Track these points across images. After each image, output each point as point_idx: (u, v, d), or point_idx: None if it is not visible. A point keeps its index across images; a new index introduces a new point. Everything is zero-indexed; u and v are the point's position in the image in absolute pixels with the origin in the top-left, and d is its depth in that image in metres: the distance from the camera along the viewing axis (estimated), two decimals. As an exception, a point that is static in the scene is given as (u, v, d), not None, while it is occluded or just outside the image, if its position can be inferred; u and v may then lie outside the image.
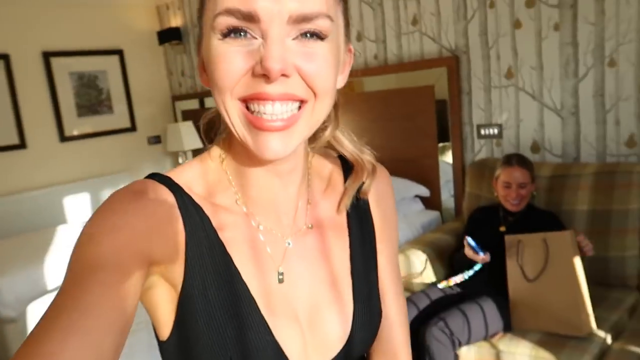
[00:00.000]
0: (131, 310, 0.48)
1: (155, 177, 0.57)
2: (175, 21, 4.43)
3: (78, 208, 4.05)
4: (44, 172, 3.99)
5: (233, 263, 0.56)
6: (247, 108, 0.50)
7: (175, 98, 4.68)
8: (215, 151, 0.61)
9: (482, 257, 1.90)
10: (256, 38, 0.48)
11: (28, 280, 2.58)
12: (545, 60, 2.30)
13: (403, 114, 2.84)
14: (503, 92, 2.47)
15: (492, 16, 2.43)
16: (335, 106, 0.63)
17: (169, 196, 0.55)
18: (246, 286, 0.56)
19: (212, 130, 0.63)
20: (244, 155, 0.57)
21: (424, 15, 2.70)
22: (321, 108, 0.53)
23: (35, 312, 2.43)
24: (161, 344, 0.58)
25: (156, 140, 4.67)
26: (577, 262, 1.72)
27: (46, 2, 3.92)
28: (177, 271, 0.54)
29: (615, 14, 2.06)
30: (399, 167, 2.89)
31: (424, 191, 2.83)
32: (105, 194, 4.19)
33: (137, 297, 0.49)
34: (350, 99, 3.04)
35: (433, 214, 2.82)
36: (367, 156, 0.66)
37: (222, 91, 0.50)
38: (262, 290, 0.58)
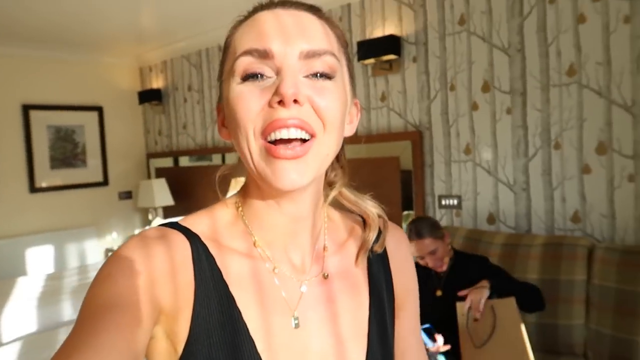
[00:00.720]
0: (141, 355, 0.49)
1: (173, 225, 0.58)
2: (157, 83, 4.61)
3: (40, 260, 3.97)
4: (10, 222, 3.94)
5: (242, 317, 0.56)
6: (265, 140, 0.53)
7: (150, 155, 4.76)
8: (232, 199, 0.63)
9: (441, 347, 1.85)
10: (271, 77, 0.53)
11: (-18, 331, 2.50)
12: (499, 139, 2.53)
13: (370, 182, 2.98)
14: (462, 166, 2.68)
15: (452, 98, 2.68)
16: (342, 164, 0.68)
17: (185, 245, 0.56)
18: (253, 343, 0.55)
19: (221, 185, 0.66)
20: (261, 201, 0.59)
21: (391, 93, 2.94)
22: (330, 142, 0.55)
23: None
24: None
25: (127, 195, 4.69)
26: (522, 328, 1.80)
27: (30, 56, 4.05)
28: (183, 326, 0.54)
29: (559, 103, 2.32)
30: (364, 232, 3.01)
31: (388, 256, 2.92)
32: (70, 247, 4.14)
33: (146, 343, 0.50)
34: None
35: (396, 279, 2.91)
36: (371, 208, 0.67)
37: (243, 128, 0.53)
38: (271, 342, 0.57)
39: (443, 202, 2.77)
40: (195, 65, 4.19)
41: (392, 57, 2.80)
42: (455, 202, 2.72)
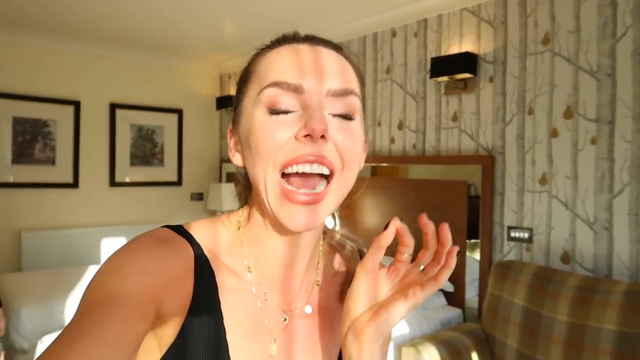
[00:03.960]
0: (137, 350, 0.50)
1: (177, 229, 0.61)
2: (235, 89, 4.74)
3: (113, 251, 4.19)
4: (89, 213, 4.21)
5: (225, 335, 0.57)
6: (283, 175, 0.54)
7: (224, 160, 4.90)
8: (234, 217, 0.64)
9: None
10: (297, 110, 0.54)
11: (47, 314, 2.66)
12: (581, 171, 2.29)
13: (435, 205, 2.86)
14: (536, 196, 2.46)
15: (530, 122, 2.48)
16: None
17: (190, 256, 0.58)
18: None
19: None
20: (264, 230, 0.60)
21: (464, 113, 2.78)
22: (346, 180, 0.57)
23: (46, 346, 2.48)
24: None
25: (199, 197, 4.85)
26: None
27: (122, 59, 4.33)
28: (172, 330, 0.55)
29: (655, 135, 2.06)
30: (424, 257, 2.86)
31: (448, 285, 2.76)
32: (140, 241, 4.34)
33: (142, 341, 0.51)
34: (388, 184, 3.11)
35: (455, 311, 2.74)
36: (349, 242, 0.69)
37: (264, 160, 0.54)
38: None
39: (512, 234, 2.56)
40: (271, 74, 4.25)
41: (467, 75, 2.65)
42: (526, 235, 2.50)
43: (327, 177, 0.55)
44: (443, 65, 2.72)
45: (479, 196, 2.68)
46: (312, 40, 0.58)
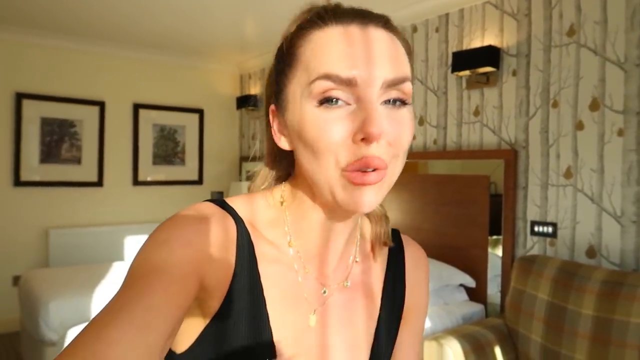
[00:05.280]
0: (180, 322, 0.51)
1: (220, 203, 0.61)
2: (255, 89, 4.79)
3: (137, 248, 4.27)
4: (113, 211, 4.29)
5: (266, 306, 0.59)
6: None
7: (244, 159, 4.94)
8: (277, 193, 0.64)
9: None
10: (350, 104, 0.52)
11: (74, 307, 2.71)
12: (607, 164, 2.25)
13: (456, 201, 2.84)
14: (561, 191, 2.42)
15: (554, 115, 2.45)
16: None
17: (232, 228, 0.58)
18: (270, 333, 0.58)
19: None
20: (309, 206, 0.60)
21: (486, 108, 2.76)
22: (399, 167, 0.56)
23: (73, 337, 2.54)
24: (174, 356, 0.59)
25: (219, 195, 4.90)
26: None
27: (145, 59, 4.41)
28: (216, 301, 0.56)
29: (684, 126, 2.02)
30: (446, 254, 2.84)
31: (470, 281, 2.74)
32: (163, 239, 4.40)
33: (186, 312, 0.52)
34: (409, 180, 3.10)
35: (477, 307, 2.71)
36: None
37: (323, 158, 0.52)
38: (286, 335, 0.60)
39: (536, 229, 2.52)
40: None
41: (489, 69, 2.63)
42: (551, 229, 2.47)
43: None
44: (465, 60, 2.71)
45: (501, 191, 2.65)
46: (360, 17, 0.54)
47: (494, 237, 2.70)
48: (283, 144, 0.59)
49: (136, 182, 4.41)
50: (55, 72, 4.01)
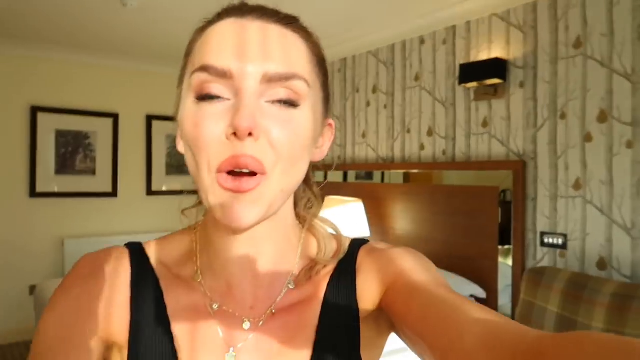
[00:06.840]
0: None
1: (132, 246, 0.60)
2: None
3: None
4: (128, 220, 4.36)
5: (175, 351, 0.54)
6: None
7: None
8: (196, 224, 0.61)
9: None
10: (229, 99, 0.48)
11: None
12: (616, 176, 2.25)
13: (465, 211, 2.84)
14: (570, 202, 2.42)
15: (562, 127, 2.45)
16: (312, 190, 0.63)
17: (126, 272, 0.56)
18: None
19: None
20: (212, 224, 0.55)
21: (494, 119, 2.77)
22: (284, 178, 0.49)
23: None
24: None
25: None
26: None
27: (155, 73, 4.48)
28: (124, 346, 0.54)
29: (693, 138, 2.01)
30: (456, 264, 2.85)
31: (480, 292, 2.74)
32: (176, 248, 4.46)
33: None
34: (419, 191, 3.11)
35: (487, 318, 2.70)
36: (323, 225, 0.62)
37: (198, 159, 0.49)
38: None
39: (546, 240, 2.52)
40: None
41: (496, 81, 2.64)
42: (560, 241, 2.46)
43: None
44: (472, 72, 2.72)
45: (511, 202, 2.65)
46: (257, 12, 0.50)
47: (505, 247, 2.70)
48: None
49: (150, 192, 4.48)
50: (69, 86, 4.10)
